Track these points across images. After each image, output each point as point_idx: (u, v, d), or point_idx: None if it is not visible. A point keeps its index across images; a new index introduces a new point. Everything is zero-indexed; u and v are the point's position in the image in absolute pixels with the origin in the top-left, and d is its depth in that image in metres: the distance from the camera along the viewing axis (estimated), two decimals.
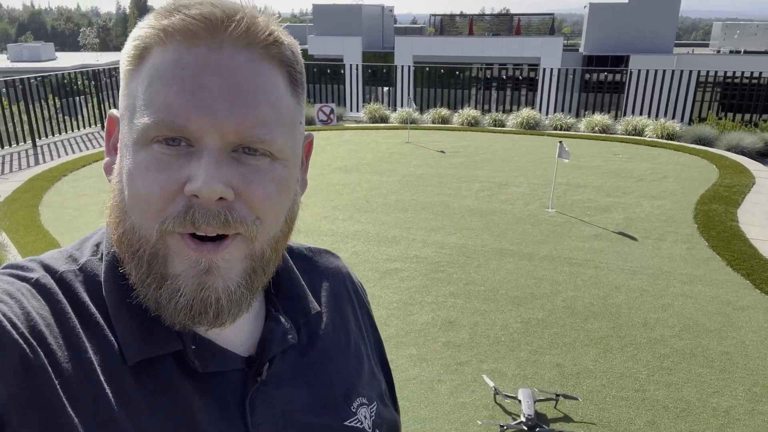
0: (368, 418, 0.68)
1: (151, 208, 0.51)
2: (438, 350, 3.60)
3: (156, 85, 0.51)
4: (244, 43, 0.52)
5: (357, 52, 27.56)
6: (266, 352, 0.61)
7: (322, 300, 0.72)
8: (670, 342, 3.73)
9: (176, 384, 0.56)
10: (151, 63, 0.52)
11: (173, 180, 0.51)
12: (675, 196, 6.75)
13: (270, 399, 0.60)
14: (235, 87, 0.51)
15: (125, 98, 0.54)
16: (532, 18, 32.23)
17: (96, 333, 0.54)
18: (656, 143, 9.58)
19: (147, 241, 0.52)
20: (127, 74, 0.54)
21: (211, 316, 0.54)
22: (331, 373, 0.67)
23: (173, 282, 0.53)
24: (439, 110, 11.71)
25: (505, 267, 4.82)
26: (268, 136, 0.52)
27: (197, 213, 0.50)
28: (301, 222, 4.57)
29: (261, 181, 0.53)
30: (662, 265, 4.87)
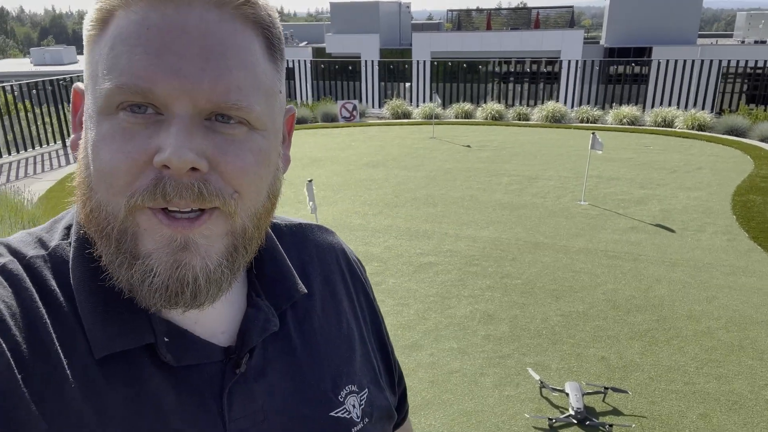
0: (357, 406, 0.64)
1: (118, 181, 0.47)
2: (479, 343, 3.56)
3: (119, 48, 0.46)
4: (215, 2, 0.47)
5: (374, 49, 27.53)
6: (245, 342, 0.57)
7: (312, 280, 0.67)
8: (717, 334, 3.63)
9: (148, 378, 0.52)
10: (115, 26, 0.47)
11: (141, 150, 0.46)
12: (711, 187, 6.60)
13: (249, 392, 0.56)
14: (206, 48, 0.46)
15: (88, 67, 0.50)
16: (550, 11, 31.86)
17: (63, 324, 0.51)
18: (687, 134, 9.39)
19: (115, 217, 0.48)
20: (89, 40, 0.50)
21: (188, 297, 0.49)
22: (317, 360, 0.63)
23: (145, 261, 0.48)
24: (462, 105, 11.63)
25: (540, 260, 4.75)
26: (244, 102, 0.48)
27: (168, 185, 0.46)
28: (332, 217, 4.59)
29: (238, 151, 0.49)
30: (703, 256, 4.76)
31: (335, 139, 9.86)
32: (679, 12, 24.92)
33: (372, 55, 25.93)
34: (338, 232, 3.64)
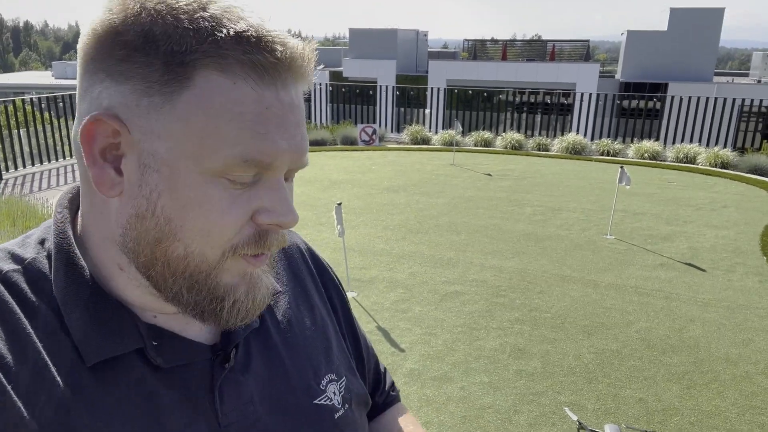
0: (337, 393, 0.68)
1: (222, 238, 0.52)
2: (510, 379, 3.46)
3: (238, 122, 0.49)
4: (301, 79, 0.53)
5: (391, 75, 27.82)
6: (230, 339, 0.61)
7: (283, 279, 0.72)
8: (756, 379, 3.51)
9: (140, 381, 0.54)
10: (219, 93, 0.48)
11: (247, 212, 0.52)
12: (738, 226, 6.50)
13: (239, 385, 0.60)
14: (300, 123, 0.53)
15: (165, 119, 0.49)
16: (565, 44, 32.14)
17: (49, 334, 0.52)
18: (710, 171, 9.31)
19: (208, 265, 0.53)
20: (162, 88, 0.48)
21: (254, 314, 0.57)
22: (297, 352, 0.67)
23: (233, 294, 0.54)
24: (482, 133, 11.63)
25: (569, 294, 4.66)
26: (307, 162, 0.56)
27: (273, 238, 0.54)
28: (354, 241, 4.54)
29: (291, 198, 0.57)
30: (736, 297, 4.64)
31: (355, 162, 9.86)
32: (695, 49, 25.07)
33: (388, 80, 26.18)
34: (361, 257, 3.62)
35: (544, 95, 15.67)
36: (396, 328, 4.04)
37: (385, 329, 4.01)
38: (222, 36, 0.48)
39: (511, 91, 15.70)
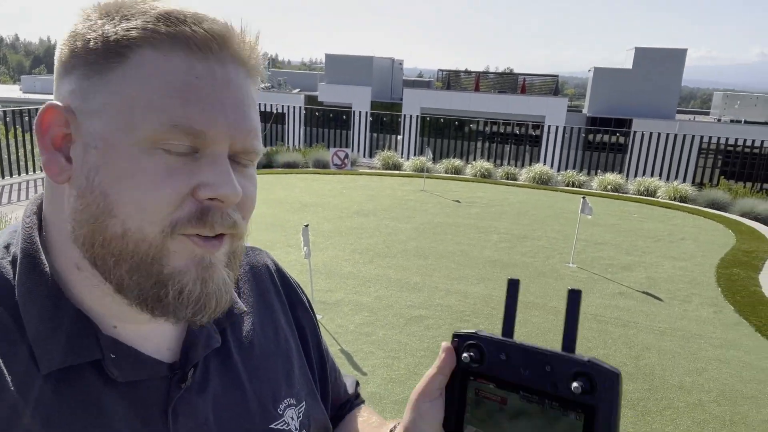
0: (295, 418, 0.67)
1: (160, 212, 0.51)
2: None
3: (167, 90, 0.50)
4: (241, 61, 0.55)
5: (366, 101, 28.13)
6: (190, 357, 0.60)
7: (248, 299, 0.71)
8: (708, 407, 3.61)
9: (95, 393, 0.54)
10: (152, 66, 0.51)
11: (185, 185, 0.51)
12: (695, 258, 6.72)
13: (194, 406, 0.59)
14: (241, 100, 0.54)
15: (104, 95, 0.51)
16: (535, 78, 33.05)
17: (9, 341, 0.52)
18: (669, 204, 9.63)
19: (148, 244, 0.51)
20: (103, 68, 0.52)
21: (213, 308, 0.55)
22: (257, 375, 0.66)
23: (180, 279, 0.53)
24: (453, 161, 11.83)
25: (531, 320, 4.73)
26: (259, 147, 0.57)
27: (215, 215, 0.52)
28: (322, 263, 4.53)
29: (249, 185, 0.57)
30: (691, 327, 4.78)
31: (326, 185, 9.89)
32: (658, 87, 26.09)
33: (363, 106, 26.46)
34: (328, 279, 3.63)
35: (515, 126, 16.06)
36: (359, 351, 4.04)
37: (348, 352, 4.00)
38: (154, 15, 0.52)
39: (483, 121, 16.05)
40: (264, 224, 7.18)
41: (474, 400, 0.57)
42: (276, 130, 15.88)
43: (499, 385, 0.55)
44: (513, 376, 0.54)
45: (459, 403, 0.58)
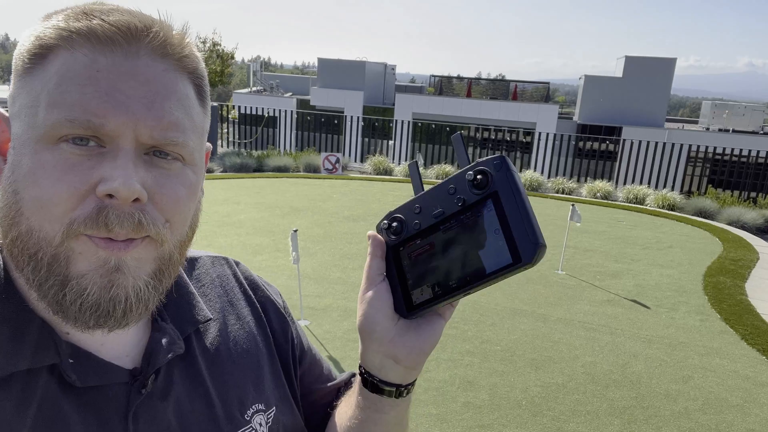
0: (264, 425, 0.67)
1: (57, 209, 0.49)
2: (458, 411, 3.47)
3: (67, 85, 0.50)
4: (160, 54, 0.53)
5: (358, 105, 28.14)
6: (151, 363, 0.59)
7: (215, 306, 0.70)
8: (694, 416, 3.63)
9: (52, 398, 0.53)
10: (60, 63, 0.51)
11: (84, 180, 0.49)
12: (682, 266, 6.77)
13: (155, 412, 0.58)
14: (151, 92, 0.52)
15: (23, 96, 0.53)
16: (527, 85, 33.25)
17: None
18: (658, 213, 9.71)
19: (48, 243, 0.50)
20: (25, 72, 0.53)
21: (119, 315, 0.52)
22: (223, 381, 0.65)
23: (79, 282, 0.51)
24: (444, 167, 11.85)
25: (519, 327, 4.74)
26: (180, 139, 0.53)
27: (111, 214, 0.49)
28: (311, 269, 4.51)
29: (172, 184, 0.54)
30: (678, 335, 4.81)
31: (317, 189, 9.88)
32: (648, 96, 26.31)
33: (355, 111, 26.48)
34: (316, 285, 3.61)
35: (507, 132, 16.14)
36: (347, 357, 4.02)
37: (335, 359, 3.98)
38: (70, 13, 0.53)
39: (474, 127, 16.11)
40: (253, 229, 7.15)
41: (410, 264, 0.60)
42: (267, 134, 15.84)
43: (422, 235, 0.59)
44: (429, 219, 0.59)
45: (401, 279, 0.61)
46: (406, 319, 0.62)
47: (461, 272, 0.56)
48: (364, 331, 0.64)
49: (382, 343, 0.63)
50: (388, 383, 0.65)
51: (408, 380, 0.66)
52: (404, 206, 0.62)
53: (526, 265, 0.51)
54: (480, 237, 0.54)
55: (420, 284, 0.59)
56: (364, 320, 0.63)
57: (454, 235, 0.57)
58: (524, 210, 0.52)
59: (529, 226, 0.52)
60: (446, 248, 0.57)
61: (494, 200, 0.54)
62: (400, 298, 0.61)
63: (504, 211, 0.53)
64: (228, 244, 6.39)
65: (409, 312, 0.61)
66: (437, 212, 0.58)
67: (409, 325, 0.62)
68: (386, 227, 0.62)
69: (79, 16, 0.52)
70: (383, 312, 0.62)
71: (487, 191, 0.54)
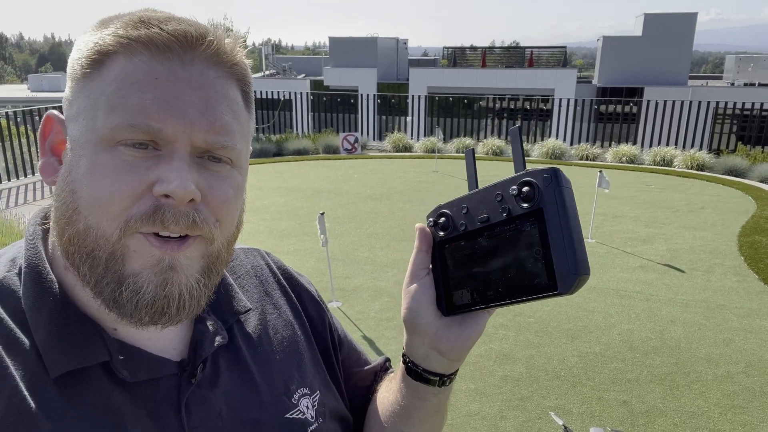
0: (311, 407, 0.68)
1: (116, 207, 0.52)
2: (496, 384, 3.47)
3: (127, 90, 0.52)
4: (213, 62, 0.55)
5: (372, 83, 27.88)
6: (198, 354, 0.61)
7: (253, 296, 0.73)
8: (737, 379, 3.57)
9: (106, 394, 0.55)
10: (119, 69, 0.53)
11: (142, 180, 0.52)
12: (715, 227, 6.62)
13: (206, 400, 0.60)
14: (204, 98, 0.54)
15: (81, 99, 0.55)
16: (543, 51, 32.54)
17: (17, 348, 0.54)
18: (687, 174, 9.49)
19: (106, 240, 0.52)
20: (83, 76, 0.55)
21: (173, 312, 0.54)
22: (268, 367, 0.67)
23: (135, 280, 0.53)
24: (463, 140, 11.71)
25: (548, 302, 4.68)
26: (230, 143, 0.56)
27: (167, 213, 0.52)
28: (338, 250, 4.52)
29: (222, 186, 0.56)
30: (715, 298, 4.72)
31: (337, 171, 9.86)
32: (669, 54, 25.54)
33: (369, 88, 26.21)
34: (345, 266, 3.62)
35: (524, 101, 15.85)
36: (381, 337, 4.03)
37: (370, 338, 4.01)
38: (127, 21, 0.55)
39: (491, 98, 15.86)
40: (278, 213, 7.18)
41: (453, 264, 0.60)
42: (284, 117, 15.83)
43: (467, 238, 0.59)
44: (475, 223, 0.58)
45: (444, 277, 0.61)
46: (446, 316, 0.63)
47: (498, 285, 0.55)
48: (409, 323, 0.65)
49: (426, 336, 0.64)
50: (432, 372, 0.67)
51: (451, 370, 0.68)
52: (453, 203, 0.61)
53: (563, 294, 0.49)
54: (520, 253, 0.53)
55: (460, 286, 0.60)
56: (408, 313, 0.64)
57: (496, 245, 0.56)
58: (569, 234, 0.49)
59: (571, 252, 0.49)
60: (487, 256, 0.57)
61: (538, 218, 0.51)
62: (441, 295, 0.62)
63: (547, 232, 0.50)
64: (255, 230, 6.44)
65: (449, 311, 0.61)
66: (483, 218, 0.57)
67: (453, 319, 0.63)
68: (433, 223, 0.62)
69: (137, 24, 0.54)
70: (426, 306, 0.63)
71: (533, 207, 0.52)
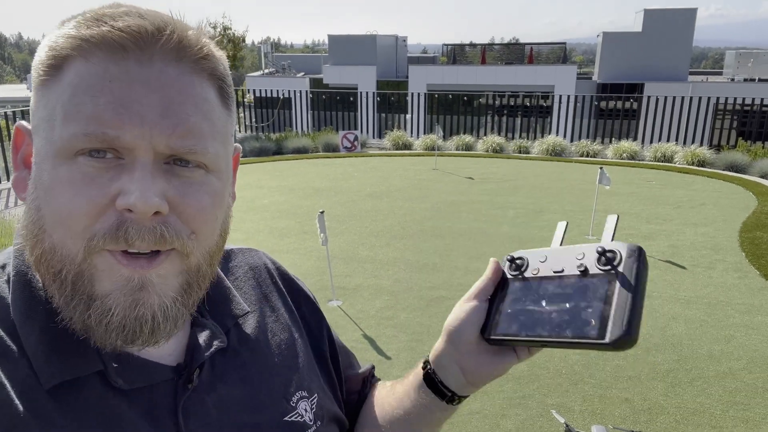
0: (309, 411, 0.67)
1: (77, 224, 0.48)
2: (498, 383, 3.45)
3: (81, 97, 0.48)
4: (174, 57, 0.51)
5: (371, 81, 27.84)
6: (195, 358, 0.60)
7: (251, 298, 0.71)
8: (739, 375, 3.56)
9: (101, 403, 0.53)
10: (73, 74, 0.49)
11: (102, 194, 0.48)
12: (716, 223, 6.61)
13: (203, 404, 0.59)
14: (166, 99, 0.50)
15: (40, 109, 0.52)
16: (542, 47, 32.49)
17: (7, 358, 0.52)
18: (688, 170, 9.47)
19: (71, 261, 0.49)
20: (41, 84, 0.52)
21: (147, 335, 0.52)
22: (266, 371, 0.66)
23: (103, 302, 0.50)
24: (463, 137, 11.70)
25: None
26: (199, 146, 0.51)
27: (131, 228, 0.48)
28: (338, 249, 4.51)
29: (195, 193, 0.52)
30: (717, 294, 4.71)
31: (337, 169, 9.85)
32: (669, 49, 25.49)
33: (369, 86, 26.17)
34: (345, 264, 3.60)
35: (524, 98, 15.82)
36: (382, 335, 4.02)
37: (370, 337, 3.99)
38: (81, 19, 0.51)
39: (491, 95, 15.82)
40: (278, 212, 7.17)
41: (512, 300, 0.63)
42: (284, 115, 15.80)
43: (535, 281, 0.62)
44: (548, 271, 0.61)
45: (499, 307, 0.64)
46: (487, 342, 0.65)
47: (548, 325, 0.58)
48: (451, 331, 0.67)
49: (458, 349, 0.66)
50: (446, 387, 0.68)
51: (463, 392, 0.69)
52: (534, 251, 0.65)
53: (607, 346, 0.52)
54: (580, 303, 0.56)
55: (512, 320, 0.62)
56: (454, 322, 0.66)
57: (560, 292, 0.59)
58: (633, 302, 0.52)
59: (629, 316, 0.51)
60: (548, 299, 0.60)
61: (610, 280, 0.54)
62: (490, 323, 0.65)
63: (614, 293, 0.53)
64: (255, 229, 6.43)
65: (492, 339, 0.64)
66: (558, 269, 0.60)
67: (487, 348, 0.65)
68: (510, 261, 0.66)
69: (89, 22, 0.50)
70: (472, 324, 0.65)
71: (610, 269, 0.55)
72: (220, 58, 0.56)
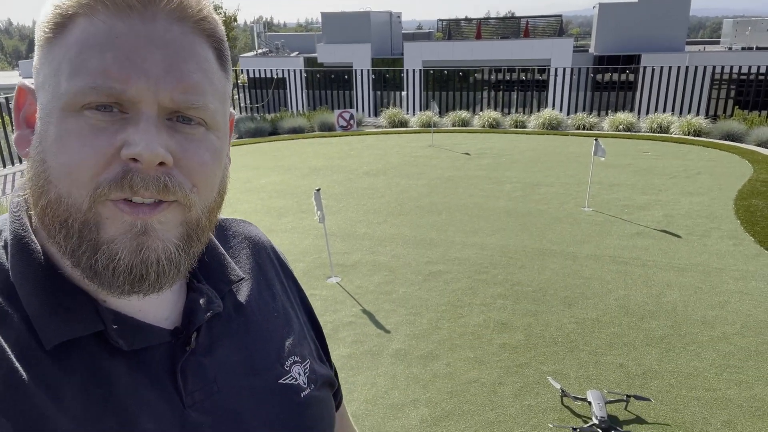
0: (302, 374, 0.69)
1: (84, 174, 0.50)
2: (495, 352, 3.52)
3: (88, 53, 0.50)
4: (177, 17, 0.53)
5: (366, 58, 27.56)
6: (192, 321, 0.61)
7: (246, 267, 0.73)
8: (733, 340, 3.62)
9: (101, 364, 0.55)
10: (80, 31, 0.51)
11: (109, 144, 0.50)
12: (712, 192, 6.63)
13: (201, 367, 0.61)
14: (170, 56, 0.52)
15: (46, 66, 0.53)
16: (538, 20, 32.09)
17: (7, 321, 0.53)
18: (684, 140, 9.46)
19: (77, 209, 0.51)
20: (46, 42, 0.53)
21: (153, 278, 0.53)
22: (261, 335, 0.68)
23: (109, 247, 0.52)
24: (459, 113, 11.65)
25: (549, 267, 4.73)
26: (201, 102, 0.53)
27: (136, 177, 0.50)
28: (336, 226, 4.53)
29: (197, 149, 0.54)
30: (711, 261, 4.76)
31: (333, 148, 9.83)
32: (666, 20, 25.23)
33: (364, 64, 25.95)
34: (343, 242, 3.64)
35: (520, 72, 15.70)
36: (381, 310, 4.08)
37: (370, 312, 4.05)
38: None
39: (487, 70, 15.70)
40: (275, 192, 7.18)
41: None
42: (278, 95, 15.70)
43: None
44: None
45: None
46: None
47: None
48: None
49: None
50: None
51: None
52: None
53: None
54: None
55: None
56: None
57: None
58: None
59: None
60: None
61: None
62: None
63: None
64: (252, 209, 6.45)
65: None
66: None
67: None
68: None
69: None
70: None
71: None
72: (217, 21, 0.58)
